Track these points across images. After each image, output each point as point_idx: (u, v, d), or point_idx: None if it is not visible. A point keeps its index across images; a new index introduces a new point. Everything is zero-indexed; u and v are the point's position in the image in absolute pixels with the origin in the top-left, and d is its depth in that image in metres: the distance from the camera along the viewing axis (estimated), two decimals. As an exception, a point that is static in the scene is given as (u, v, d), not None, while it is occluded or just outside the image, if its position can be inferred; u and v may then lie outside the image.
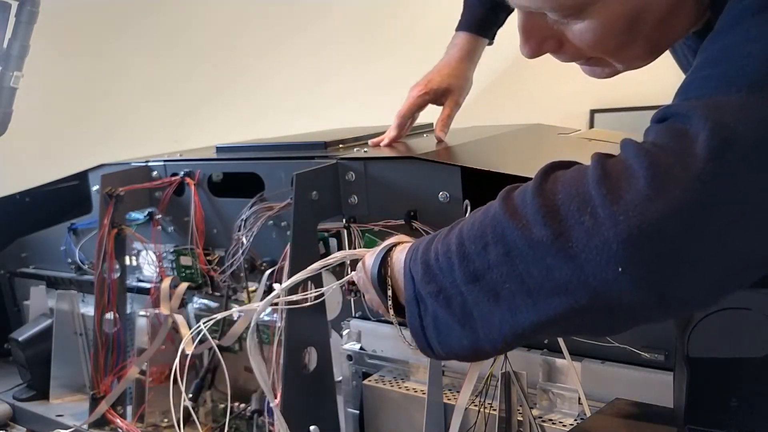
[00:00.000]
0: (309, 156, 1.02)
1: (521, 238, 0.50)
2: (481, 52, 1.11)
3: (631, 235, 0.45)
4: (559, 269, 0.48)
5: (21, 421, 1.23)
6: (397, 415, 0.91)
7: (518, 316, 0.51)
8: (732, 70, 0.48)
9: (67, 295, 1.27)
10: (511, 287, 0.51)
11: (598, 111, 4.21)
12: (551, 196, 0.50)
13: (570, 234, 0.48)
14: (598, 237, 0.46)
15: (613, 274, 0.46)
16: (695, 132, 0.46)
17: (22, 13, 1.15)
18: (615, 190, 0.47)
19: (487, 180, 0.82)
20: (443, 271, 0.55)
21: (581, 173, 0.50)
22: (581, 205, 0.48)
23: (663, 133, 0.48)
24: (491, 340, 0.54)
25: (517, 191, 0.54)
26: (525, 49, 0.62)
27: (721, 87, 0.48)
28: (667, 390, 0.70)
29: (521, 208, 0.51)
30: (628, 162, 0.48)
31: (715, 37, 0.52)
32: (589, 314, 0.49)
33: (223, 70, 2.56)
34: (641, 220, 0.45)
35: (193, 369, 1.18)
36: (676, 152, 0.46)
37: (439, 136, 1.07)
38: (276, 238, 1.06)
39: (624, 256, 0.45)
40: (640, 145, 0.49)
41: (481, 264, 0.52)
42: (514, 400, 0.79)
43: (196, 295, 1.18)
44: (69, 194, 1.39)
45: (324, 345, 0.92)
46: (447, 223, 0.86)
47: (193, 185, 1.12)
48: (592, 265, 0.47)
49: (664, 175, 0.46)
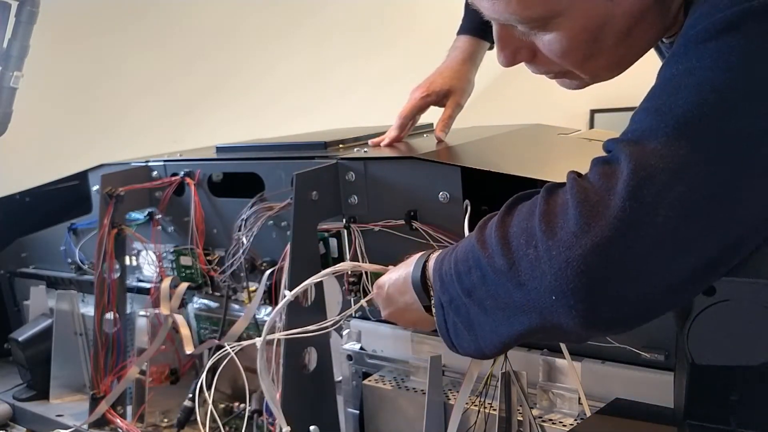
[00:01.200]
0: (309, 156, 1.02)
1: (488, 265, 0.58)
2: (483, 56, 1.11)
3: (560, 269, 0.51)
4: (515, 294, 0.56)
5: (21, 421, 1.23)
6: (397, 415, 0.91)
7: (500, 328, 0.59)
8: (665, 105, 0.51)
9: (67, 295, 1.27)
10: (491, 303, 0.58)
11: (598, 111, 4.21)
12: (508, 230, 0.57)
13: (519, 265, 0.55)
14: (538, 269, 0.53)
15: (550, 301, 0.53)
16: (620, 171, 0.51)
17: (22, 13, 1.14)
18: (552, 226, 0.53)
19: (487, 180, 0.82)
20: (451, 284, 0.63)
21: (532, 208, 0.57)
22: (528, 239, 0.55)
23: (597, 169, 0.53)
24: (487, 345, 0.61)
25: (489, 222, 0.61)
26: (500, 57, 0.66)
27: (653, 123, 0.51)
28: (667, 390, 0.70)
29: (488, 239, 0.59)
30: (565, 197, 0.54)
31: (667, 63, 0.54)
32: (546, 331, 0.56)
33: (221, 68, 2.56)
34: (568, 255, 0.51)
35: (193, 369, 1.18)
36: (602, 190, 0.51)
37: (440, 136, 1.07)
38: (276, 238, 1.06)
39: (555, 286, 0.52)
40: (578, 181, 0.54)
41: (470, 282, 0.60)
42: (514, 400, 0.79)
43: (196, 295, 1.18)
44: (69, 194, 1.39)
45: (324, 345, 0.92)
46: (447, 223, 0.87)
47: (193, 185, 1.12)
48: (536, 293, 0.54)
49: (590, 213, 0.51)
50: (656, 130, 0.51)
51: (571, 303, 0.52)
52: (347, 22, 2.74)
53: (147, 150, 1.33)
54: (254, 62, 2.70)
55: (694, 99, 0.50)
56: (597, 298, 0.51)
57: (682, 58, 0.52)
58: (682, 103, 0.50)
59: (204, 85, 2.53)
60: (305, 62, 2.80)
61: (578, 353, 0.79)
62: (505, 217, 0.59)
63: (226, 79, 2.62)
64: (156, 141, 2.25)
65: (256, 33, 2.56)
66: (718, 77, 0.49)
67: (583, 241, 0.51)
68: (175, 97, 2.46)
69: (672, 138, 0.50)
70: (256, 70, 2.74)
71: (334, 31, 2.78)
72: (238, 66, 2.63)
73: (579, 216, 0.52)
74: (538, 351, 0.82)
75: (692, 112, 0.50)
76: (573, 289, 0.51)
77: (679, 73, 0.52)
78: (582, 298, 0.51)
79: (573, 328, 0.53)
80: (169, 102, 2.45)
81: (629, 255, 0.50)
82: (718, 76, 0.49)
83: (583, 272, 0.51)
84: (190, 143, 1.46)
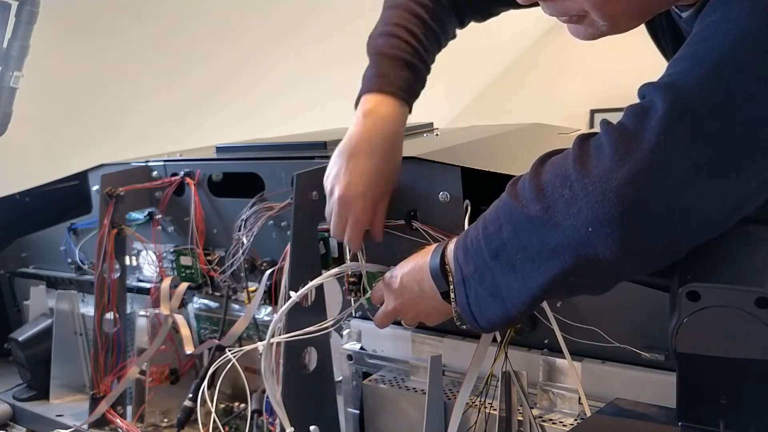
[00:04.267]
0: (309, 156, 1.02)
1: (522, 215, 0.60)
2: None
3: (597, 201, 0.54)
4: (550, 237, 0.57)
5: (21, 421, 1.23)
6: (397, 415, 0.91)
7: (529, 281, 0.60)
8: (702, 49, 0.53)
9: (67, 295, 1.27)
10: (521, 257, 0.60)
11: (598, 111, 4.21)
12: (542, 177, 0.59)
13: (555, 207, 0.57)
14: (574, 206, 0.55)
15: (586, 234, 0.55)
16: (655, 110, 0.53)
17: (22, 13, 1.15)
18: (586, 165, 0.56)
19: (487, 180, 0.82)
20: (476, 252, 0.64)
21: (565, 155, 0.59)
22: (562, 182, 0.57)
23: (632, 111, 0.55)
24: (515, 306, 0.62)
25: (521, 178, 0.63)
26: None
27: (689, 65, 0.54)
28: (667, 390, 0.70)
29: (521, 191, 0.61)
30: (600, 139, 0.56)
31: (706, 13, 0.55)
32: (579, 272, 0.57)
33: (221, 68, 2.57)
34: (605, 188, 0.53)
35: (193, 369, 1.18)
36: (637, 128, 0.54)
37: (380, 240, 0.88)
38: (276, 238, 1.06)
39: (592, 218, 0.54)
40: (612, 124, 0.56)
41: (499, 241, 0.62)
42: (515, 400, 0.79)
43: (196, 295, 1.18)
44: (69, 194, 1.39)
45: (324, 345, 0.92)
46: (447, 223, 0.87)
47: (193, 185, 1.12)
48: (571, 230, 0.56)
49: (625, 149, 0.53)
50: (692, 71, 0.53)
51: (608, 232, 0.53)
52: (347, 22, 2.74)
53: (147, 150, 1.33)
54: (254, 62, 2.70)
55: (730, 42, 0.51)
56: (633, 226, 0.53)
57: (719, 7, 0.54)
58: (718, 47, 0.52)
59: (204, 85, 2.54)
60: (305, 62, 2.81)
61: (578, 353, 0.79)
62: (537, 168, 0.61)
63: (226, 79, 2.62)
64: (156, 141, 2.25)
65: (257, 33, 2.56)
66: (755, 22, 0.51)
67: (619, 174, 0.53)
68: (175, 97, 2.46)
69: (708, 78, 0.52)
70: (257, 70, 2.74)
71: (334, 31, 2.78)
72: (239, 66, 2.63)
73: (614, 152, 0.54)
74: (539, 351, 0.82)
75: (728, 54, 0.51)
76: (610, 219, 0.53)
77: (717, 19, 0.53)
78: (619, 225, 0.53)
79: (609, 257, 0.54)
80: (169, 102, 2.46)
81: (663, 186, 0.52)
82: (754, 21, 0.51)
83: (619, 202, 0.53)
84: (190, 143, 1.46)
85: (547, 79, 4.28)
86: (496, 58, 4.30)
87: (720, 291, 0.53)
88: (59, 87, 2.01)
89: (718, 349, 0.54)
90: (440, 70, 0.93)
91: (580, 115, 4.33)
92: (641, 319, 0.75)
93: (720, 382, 0.55)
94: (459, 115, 4.43)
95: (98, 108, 2.24)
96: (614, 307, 0.76)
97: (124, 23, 2.08)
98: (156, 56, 2.27)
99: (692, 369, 0.56)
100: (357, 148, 0.82)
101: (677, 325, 0.54)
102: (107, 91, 2.22)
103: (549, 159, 0.61)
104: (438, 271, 0.70)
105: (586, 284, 0.60)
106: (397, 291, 0.77)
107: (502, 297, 0.63)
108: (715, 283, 0.54)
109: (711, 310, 0.53)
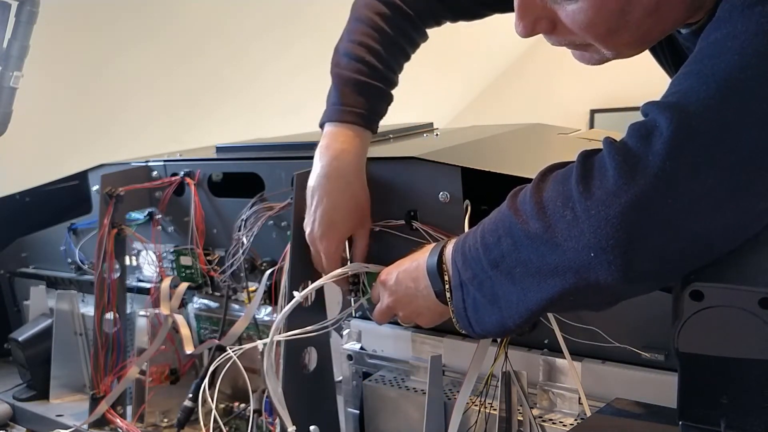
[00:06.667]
0: (309, 156, 1.02)
1: (522, 230, 0.59)
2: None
3: (600, 226, 0.53)
4: (550, 256, 0.57)
5: (21, 421, 1.23)
6: (397, 415, 0.91)
7: (528, 295, 0.59)
8: (707, 68, 0.52)
9: (67, 295, 1.27)
10: (520, 271, 0.59)
11: (598, 111, 4.21)
12: (543, 194, 0.58)
13: (556, 226, 0.56)
14: (576, 228, 0.55)
15: (588, 259, 0.54)
16: (660, 131, 0.52)
17: (22, 13, 1.15)
18: (589, 187, 0.54)
19: (487, 180, 0.82)
20: (475, 260, 0.64)
21: (567, 173, 0.57)
22: (564, 202, 0.56)
23: (636, 131, 0.54)
24: (511, 317, 0.62)
25: (521, 191, 0.62)
26: (519, 27, 0.63)
27: (694, 85, 0.52)
28: (667, 390, 0.70)
29: (521, 205, 0.60)
30: (603, 159, 0.55)
31: (710, 29, 0.54)
32: (579, 292, 0.56)
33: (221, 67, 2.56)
34: (608, 212, 0.52)
35: (193, 369, 1.18)
36: (641, 151, 0.52)
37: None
38: (276, 238, 1.06)
39: (594, 243, 0.53)
40: (615, 144, 0.55)
41: (498, 252, 0.61)
42: (515, 400, 0.79)
43: (196, 295, 1.18)
44: (69, 194, 1.39)
45: (324, 345, 0.92)
46: (447, 223, 0.87)
47: (193, 185, 1.12)
48: (573, 252, 0.55)
49: (629, 172, 0.52)
50: (698, 92, 0.51)
51: (610, 258, 0.53)
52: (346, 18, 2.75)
53: (147, 149, 1.33)
54: (254, 61, 2.70)
55: (737, 62, 0.50)
56: (635, 253, 0.53)
57: (726, 23, 0.52)
58: (724, 66, 0.51)
59: (203, 84, 2.54)
60: (306, 62, 2.80)
61: (578, 353, 0.79)
62: (539, 183, 0.60)
63: (226, 77, 2.62)
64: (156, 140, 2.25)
65: (256, 29, 2.56)
66: (762, 41, 0.50)
67: (623, 198, 0.52)
68: (174, 97, 2.46)
69: (714, 100, 0.50)
70: (256, 69, 2.73)
71: (334, 29, 2.77)
72: (238, 65, 2.63)
73: (618, 175, 0.53)
74: (539, 351, 0.82)
75: (735, 75, 0.50)
76: (612, 245, 0.52)
77: (723, 36, 0.52)
78: (621, 252, 0.52)
79: (611, 283, 0.54)
80: (169, 102, 2.45)
81: (667, 212, 0.51)
82: (762, 40, 0.50)
83: (623, 228, 0.52)
84: (191, 139, 1.46)
85: (548, 79, 4.28)
86: (496, 57, 4.30)
87: (723, 291, 0.53)
88: (59, 87, 2.01)
89: (721, 349, 0.54)
90: (440, 70, 0.93)
91: (580, 115, 4.33)
92: (641, 319, 0.75)
93: (721, 381, 0.55)
94: (459, 115, 4.43)
95: (98, 108, 2.24)
96: (614, 307, 0.76)
97: (123, 22, 2.08)
98: (156, 56, 2.27)
99: (694, 368, 0.56)
100: (319, 187, 0.85)
101: (680, 324, 0.54)
102: (107, 92, 2.22)
103: (551, 174, 0.60)
104: (435, 270, 0.70)
105: (586, 303, 0.60)
106: (392, 287, 0.77)
107: (500, 306, 0.62)
108: (719, 283, 0.53)
109: (714, 310, 0.53)
